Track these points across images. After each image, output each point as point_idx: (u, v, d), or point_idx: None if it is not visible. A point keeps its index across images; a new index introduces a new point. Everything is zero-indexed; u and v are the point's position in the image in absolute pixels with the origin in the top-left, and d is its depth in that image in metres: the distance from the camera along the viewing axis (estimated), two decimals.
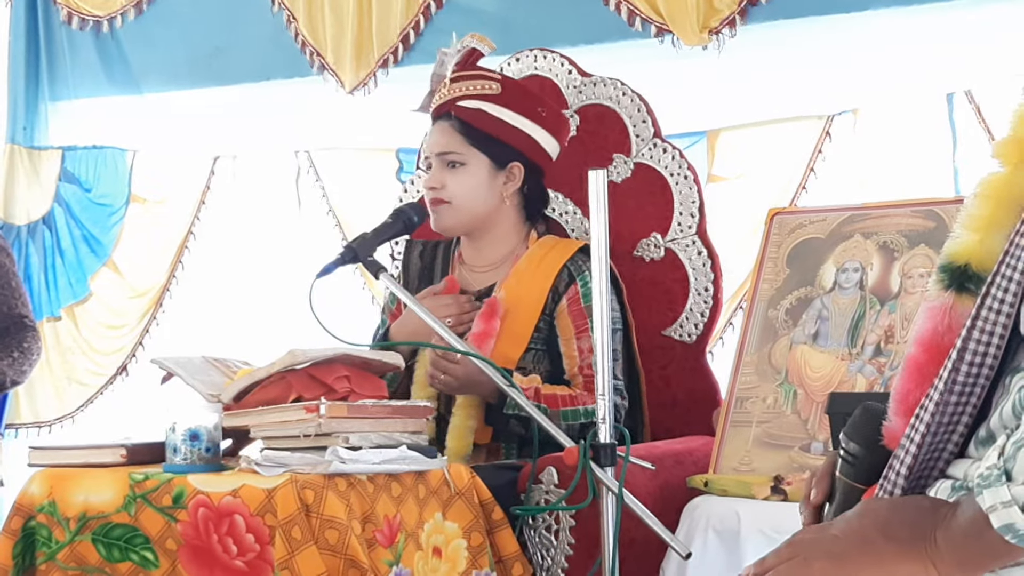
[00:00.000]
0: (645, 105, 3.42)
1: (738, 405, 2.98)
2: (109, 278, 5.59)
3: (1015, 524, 1.24)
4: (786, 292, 3.04)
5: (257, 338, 5.25)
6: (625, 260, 3.33)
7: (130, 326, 5.55)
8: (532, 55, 3.54)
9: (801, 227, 3.09)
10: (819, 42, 4.10)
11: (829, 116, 4.36)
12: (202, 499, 2.47)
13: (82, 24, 5.56)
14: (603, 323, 2.64)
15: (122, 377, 5.56)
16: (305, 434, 2.50)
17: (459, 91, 3.21)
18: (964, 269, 1.42)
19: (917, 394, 1.41)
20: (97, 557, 2.58)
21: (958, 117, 4.12)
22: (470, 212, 3.18)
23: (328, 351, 2.65)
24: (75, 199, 5.65)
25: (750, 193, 4.35)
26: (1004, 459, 1.26)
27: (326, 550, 2.41)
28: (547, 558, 2.86)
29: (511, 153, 3.20)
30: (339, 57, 4.99)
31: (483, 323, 3.09)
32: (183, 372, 2.73)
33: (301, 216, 5.38)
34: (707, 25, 4.19)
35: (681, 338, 3.34)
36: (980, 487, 1.27)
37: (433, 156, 3.21)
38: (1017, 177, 1.42)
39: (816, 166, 4.39)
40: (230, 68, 5.24)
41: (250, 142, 5.38)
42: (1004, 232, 1.40)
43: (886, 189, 4.22)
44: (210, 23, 5.28)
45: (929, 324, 1.43)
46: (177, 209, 5.52)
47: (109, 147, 5.59)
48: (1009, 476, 1.25)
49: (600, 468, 2.60)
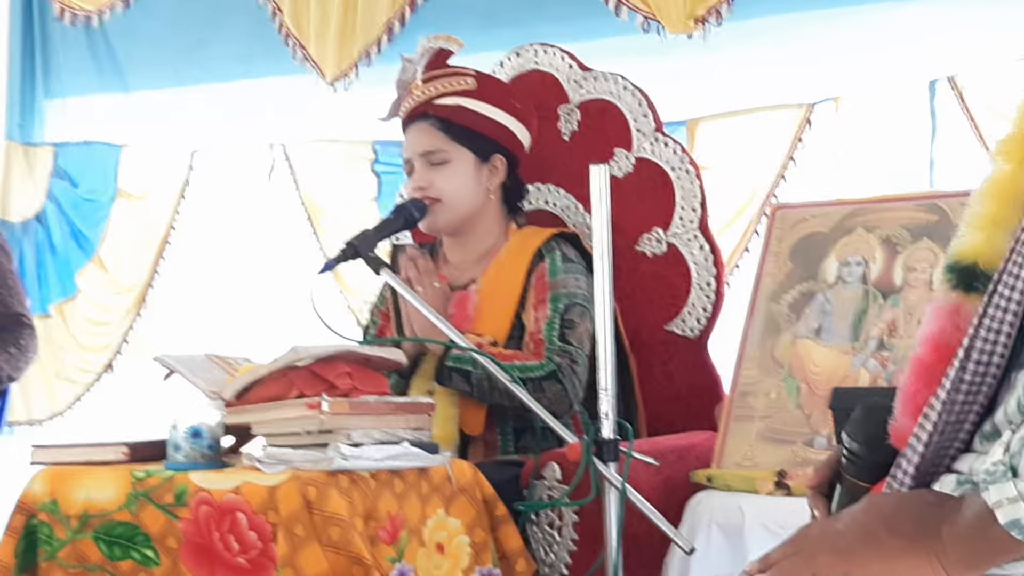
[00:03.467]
0: (646, 99, 3.41)
1: (741, 400, 2.97)
2: (95, 274, 5.60)
3: (1021, 520, 1.24)
4: (789, 286, 3.04)
5: (239, 331, 5.27)
6: (627, 255, 3.32)
7: (115, 322, 5.56)
8: (532, 49, 3.53)
9: (803, 221, 3.09)
10: (803, 31, 4.11)
11: (810, 104, 4.36)
12: (204, 497, 2.47)
13: (73, 19, 5.57)
14: (605, 319, 2.64)
15: (108, 374, 5.57)
16: (307, 431, 2.50)
17: (435, 90, 3.20)
18: (972, 268, 1.41)
19: (926, 394, 1.40)
20: (98, 555, 2.57)
21: (939, 105, 4.13)
22: (461, 208, 3.18)
23: (330, 348, 2.64)
24: (65, 196, 5.66)
25: (729, 181, 4.37)
26: (1010, 455, 1.26)
27: (329, 547, 2.40)
28: (550, 554, 2.85)
29: (493, 146, 3.20)
30: (322, 49, 5.01)
31: (456, 309, 3.09)
32: (185, 369, 2.72)
33: (273, 210, 5.39)
34: (693, 13, 4.19)
35: (683, 333, 3.34)
36: (986, 483, 1.26)
37: (416, 157, 3.20)
38: (1021, 174, 1.41)
39: (796, 154, 4.40)
40: (213, 61, 5.27)
41: (228, 136, 5.40)
42: (1010, 229, 1.39)
43: (863, 177, 4.24)
44: (195, 15, 5.30)
45: (937, 324, 1.42)
46: (158, 204, 5.53)
47: (99, 142, 5.60)
48: (1015, 472, 1.25)
49: (603, 464, 2.60)
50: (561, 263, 3.13)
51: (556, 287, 3.09)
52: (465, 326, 3.08)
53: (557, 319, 3.05)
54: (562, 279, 3.10)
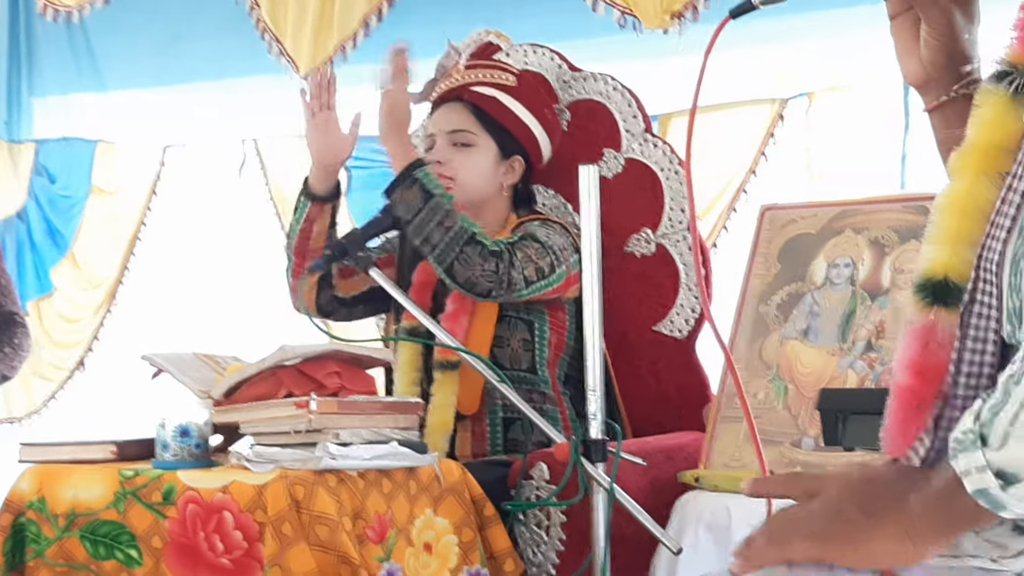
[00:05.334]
0: (635, 100, 3.42)
1: (729, 401, 2.98)
2: (68, 271, 5.59)
3: (989, 489, 1.24)
4: (777, 287, 3.04)
5: (210, 327, 5.26)
6: (615, 255, 3.32)
7: (87, 319, 5.55)
8: (523, 50, 3.53)
9: (792, 223, 3.09)
10: (776, 27, 4.11)
11: (783, 100, 4.37)
12: (191, 495, 2.46)
13: (56, 15, 5.57)
14: (594, 319, 2.64)
15: (80, 371, 5.56)
16: (295, 430, 2.50)
17: (475, 77, 3.22)
18: (944, 283, 1.40)
19: (917, 422, 1.39)
20: (84, 554, 2.57)
21: (913, 101, 4.13)
22: (472, 193, 3.18)
23: (319, 347, 2.64)
24: (43, 192, 5.65)
25: (702, 176, 4.37)
26: (980, 423, 1.25)
27: (316, 546, 2.40)
28: (538, 554, 2.86)
29: (516, 146, 3.22)
30: (298, 43, 5.01)
31: (455, 302, 3.09)
32: (173, 368, 2.72)
33: (244, 205, 5.39)
34: (670, 8, 4.20)
35: (672, 333, 3.34)
36: (955, 451, 1.26)
37: (441, 134, 3.21)
38: (978, 187, 1.40)
39: (768, 150, 4.41)
40: (189, 58, 5.28)
41: (202, 132, 5.40)
42: (974, 241, 1.38)
43: (835, 173, 4.25)
44: (173, 9, 5.31)
45: (916, 346, 1.40)
46: (130, 200, 5.53)
47: (76, 138, 5.59)
48: (984, 441, 1.25)
49: (591, 464, 2.60)
50: (538, 224, 3.15)
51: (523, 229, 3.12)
52: (462, 319, 3.07)
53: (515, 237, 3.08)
54: (531, 228, 3.12)
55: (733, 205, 4.44)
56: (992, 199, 1.38)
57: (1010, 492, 1.23)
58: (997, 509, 1.25)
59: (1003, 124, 1.39)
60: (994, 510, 1.25)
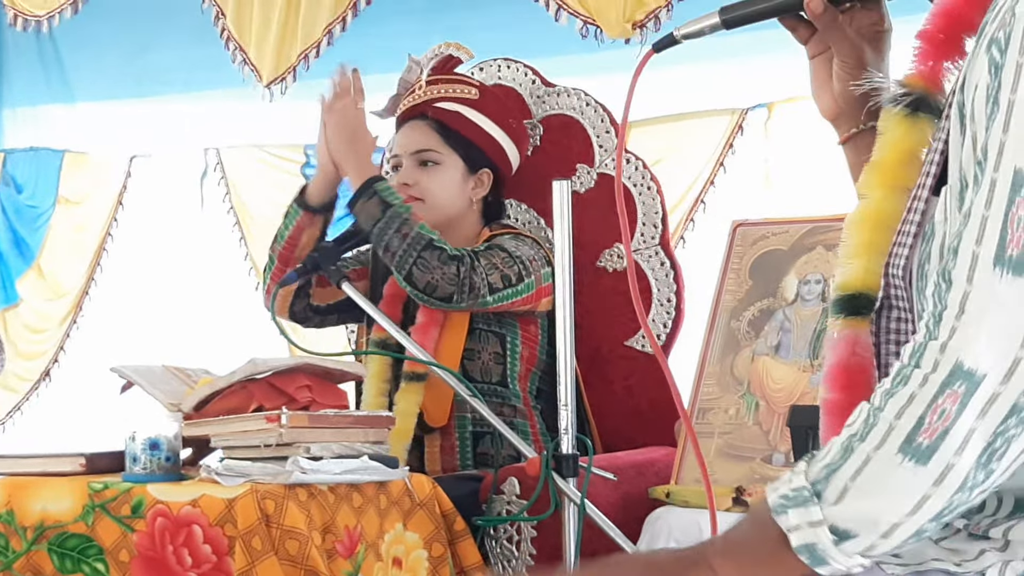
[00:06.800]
0: (608, 115, 3.42)
1: (700, 416, 2.98)
2: (34, 282, 5.57)
3: (816, 545, 1.24)
4: (748, 304, 3.05)
5: (175, 338, 5.25)
6: (588, 270, 3.33)
7: (52, 330, 5.52)
8: (496, 64, 3.54)
9: (764, 239, 3.10)
10: (736, 38, 4.13)
11: (743, 110, 4.38)
12: (161, 509, 2.45)
13: (25, 25, 5.56)
14: (566, 334, 2.64)
15: (46, 382, 5.54)
16: (266, 444, 2.49)
17: (437, 93, 3.21)
18: (857, 296, 1.43)
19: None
20: (51, 567, 2.55)
21: None
22: (441, 211, 3.17)
23: (290, 360, 2.64)
24: (10, 202, 5.63)
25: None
26: (812, 481, 1.26)
27: (286, 560, 2.39)
28: (508, 569, 2.85)
29: (483, 159, 3.22)
30: (261, 52, 5.02)
31: (425, 315, 3.09)
32: (143, 381, 2.71)
33: (207, 215, 5.39)
34: (632, 18, 4.22)
35: (644, 348, 3.34)
36: (783, 507, 1.26)
37: (406, 155, 3.20)
38: (887, 203, 1.44)
39: (727, 160, 4.42)
40: (156, 69, 5.29)
41: (167, 142, 5.41)
42: (885, 252, 1.41)
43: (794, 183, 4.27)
44: (141, 19, 5.32)
45: (837, 359, 1.43)
46: (95, 210, 5.51)
47: (44, 148, 5.58)
48: (819, 496, 1.25)
49: (562, 479, 2.60)
50: (509, 237, 3.15)
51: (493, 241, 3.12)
52: (432, 331, 3.07)
53: (482, 247, 3.08)
54: (501, 239, 3.12)
55: (691, 215, 4.44)
56: (900, 211, 1.41)
57: (841, 548, 1.24)
58: (816, 565, 1.25)
59: (903, 140, 1.45)
60: (812, 565, 1.25)
